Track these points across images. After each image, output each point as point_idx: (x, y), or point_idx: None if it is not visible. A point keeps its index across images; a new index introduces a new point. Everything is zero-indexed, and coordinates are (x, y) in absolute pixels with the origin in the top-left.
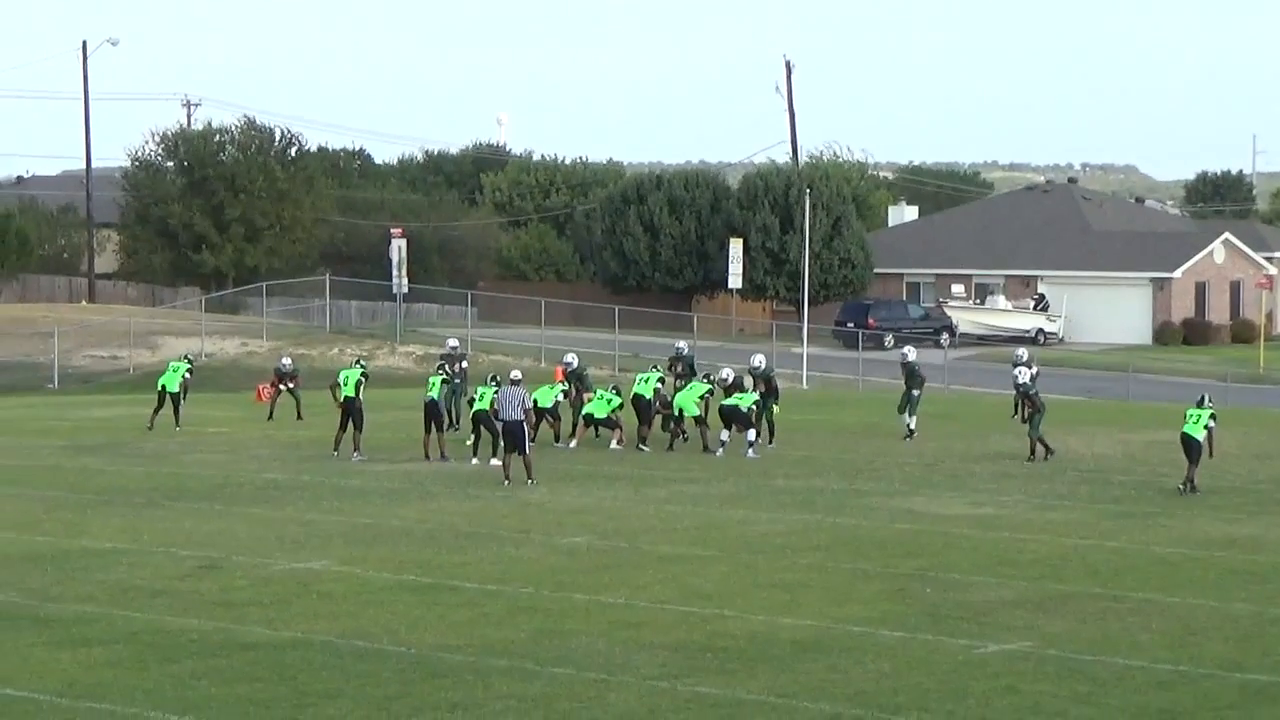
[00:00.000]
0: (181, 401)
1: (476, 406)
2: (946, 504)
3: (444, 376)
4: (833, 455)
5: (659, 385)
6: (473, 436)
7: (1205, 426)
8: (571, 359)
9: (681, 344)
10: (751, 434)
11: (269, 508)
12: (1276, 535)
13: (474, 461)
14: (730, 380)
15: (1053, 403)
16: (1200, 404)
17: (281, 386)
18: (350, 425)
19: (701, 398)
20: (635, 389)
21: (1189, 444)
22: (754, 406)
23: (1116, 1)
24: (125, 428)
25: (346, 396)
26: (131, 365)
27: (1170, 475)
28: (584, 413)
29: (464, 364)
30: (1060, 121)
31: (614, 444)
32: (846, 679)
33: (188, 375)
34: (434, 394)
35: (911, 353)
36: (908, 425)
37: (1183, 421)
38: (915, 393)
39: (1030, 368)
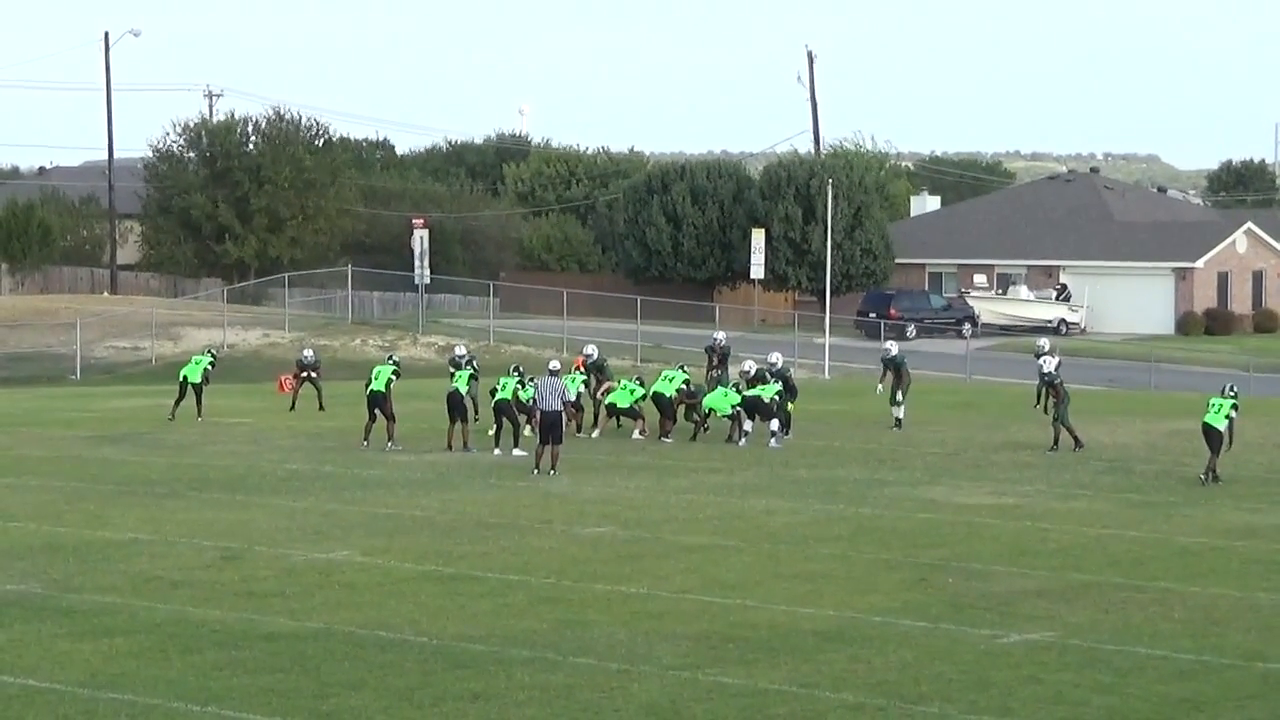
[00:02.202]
0: (203, 392)
1: (499, 396)
2: (968, 494)
3: (471, 371)
4: (854, 445)
5: (683, 386)
6: (495, 427)
7: (1227, 416)
8: (591, 350)
9: (719, 334)
10: (775, 424)
11: (291, 498)
12: None
13: (496, 452)
14: (753, 373)
15: (1075, 393)
16: (1224, 393)
17: (303, 376)
18: (381, 417)
19: (682, 386)
20: (656, 386)
21: (1210, 433)
22: (775, 398)
23: None
24: (147, 419)
25: (374, 391)
26: (154, 356)
27: (1192, 465)
28: (606, 402)
29: (475, 366)
30: (1082, 111)
31: (636, 434)
32: (869, 669)
33: (210, 367)
34: (459, 385)
35: (894, 347)
36: (898, 417)
37: (1205, 410)
38: (900, 391)
39: (1053, 356)
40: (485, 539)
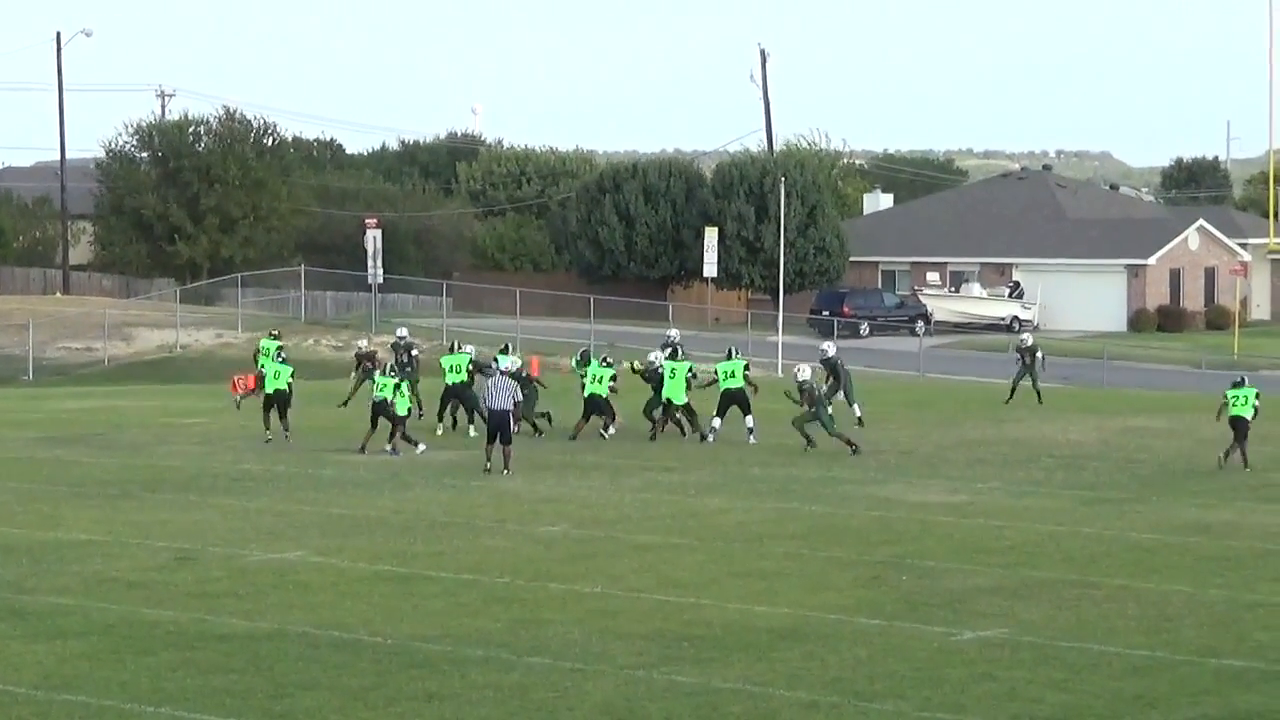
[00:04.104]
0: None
1: (451, 378)
2: (922, 491)
3: (395, 379)
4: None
5: (612, 382)
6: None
7: (1253, 405)
8: (470, 349)
9: (672, 332)
10: (750, 420)
11: (244, 499)
12: (1251, 521)
13: (421, 449)
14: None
15: (1027, 389)
16: (1240, 385)
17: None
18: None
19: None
20: (589, 389)
21: (1238, 423)
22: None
23: None
24: (100, 420)
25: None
26: (106, 357)
27: (1145, 461)
28: (587, 395)
29: (415, 352)
30: (1034, 108)
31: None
32: (823, 667)
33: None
34: (384, 394)
35: (831, 348)
36: (859, 415)
37: (1223, 406)
38: (842, 391)
39: (1036, 353)
40: (439, 539)
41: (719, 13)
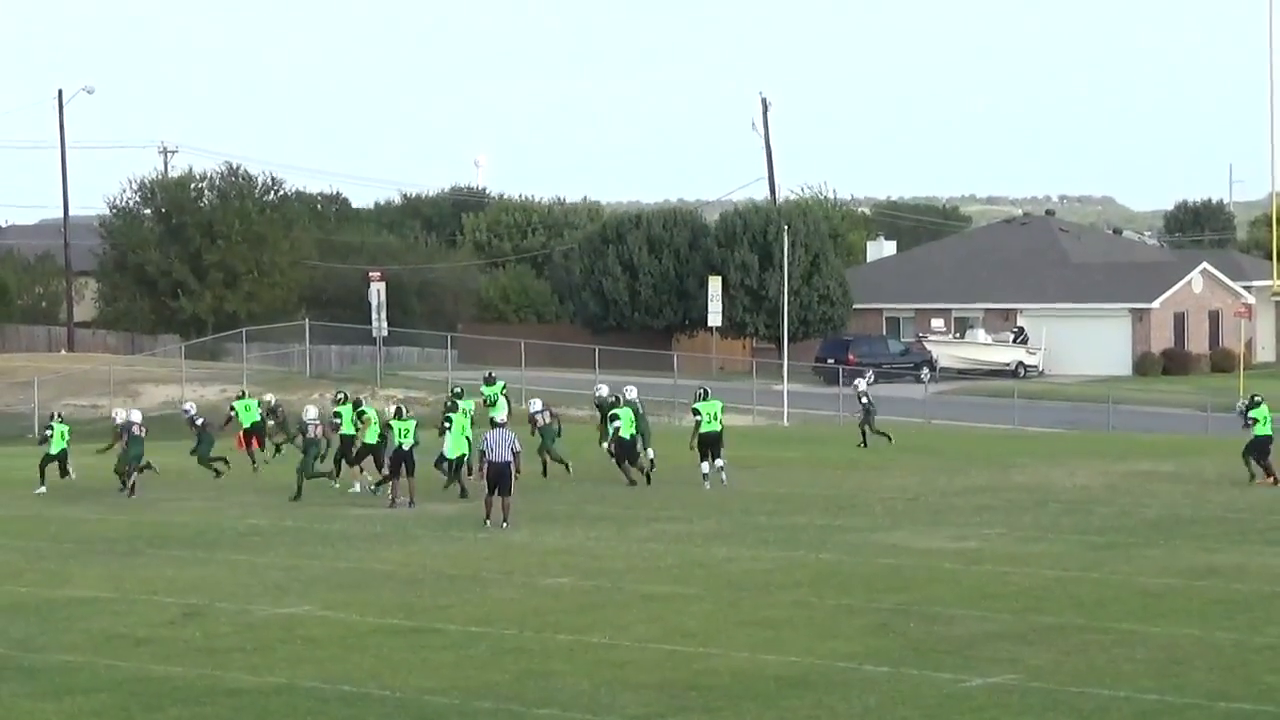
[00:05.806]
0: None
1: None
2: (929, 538)
3: (416, 421)
4: (815, 491)
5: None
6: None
7: None
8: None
9: (601, 388)
10: (721, 461)
11: (252, 553)
12: (1258, 563)
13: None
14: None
15: (1033, 435)
16: None
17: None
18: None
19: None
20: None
21: None
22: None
23: (1090, 33)
24: (106, 476)
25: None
26: (111, 414)
27: (1151, 505)
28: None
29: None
30: (1037, 154)
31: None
32: (832, 715)
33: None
34: (407, 441)
35: (631, 390)
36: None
37: None
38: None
39: (864, 398)
40: (447, 591)
41: (720, 63)
